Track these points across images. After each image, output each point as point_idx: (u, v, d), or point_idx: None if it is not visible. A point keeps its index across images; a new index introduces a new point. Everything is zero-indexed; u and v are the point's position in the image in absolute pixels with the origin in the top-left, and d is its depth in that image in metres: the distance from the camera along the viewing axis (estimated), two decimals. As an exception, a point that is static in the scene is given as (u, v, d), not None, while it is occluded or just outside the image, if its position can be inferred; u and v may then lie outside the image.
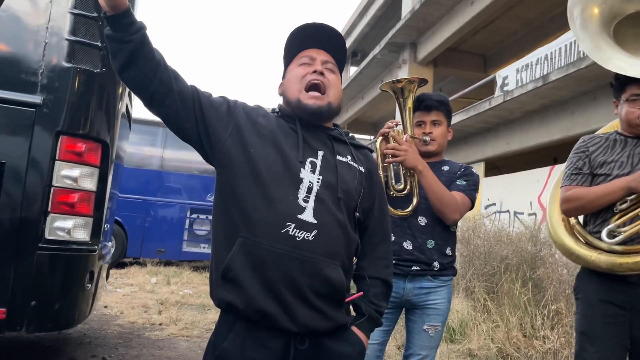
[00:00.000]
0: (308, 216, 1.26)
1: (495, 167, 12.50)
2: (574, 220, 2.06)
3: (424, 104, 2.16)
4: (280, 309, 1.22)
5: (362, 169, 1.42)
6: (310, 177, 1.30)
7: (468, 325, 4.45)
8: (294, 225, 1.24)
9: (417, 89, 2.14)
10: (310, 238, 1.24)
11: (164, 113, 1.28)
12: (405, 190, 2.06)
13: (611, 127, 2.16)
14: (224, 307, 1.27)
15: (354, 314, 1.42)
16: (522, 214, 9.11)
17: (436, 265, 2.03)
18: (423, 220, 2.06)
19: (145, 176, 8.90)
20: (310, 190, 1.28)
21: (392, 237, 1.83)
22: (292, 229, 1.23)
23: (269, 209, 1.25)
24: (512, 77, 10.37)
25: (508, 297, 4.76)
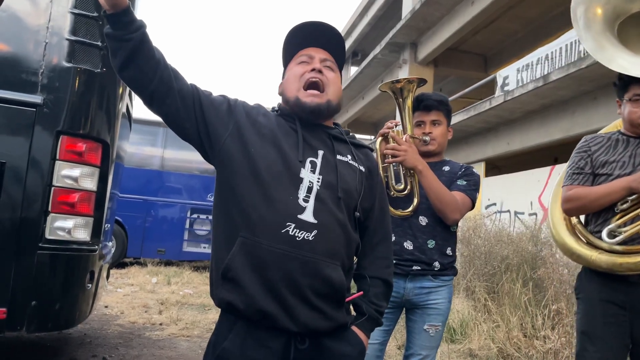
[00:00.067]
0: (308, 216, 1.25)
1: (496, 167, 12.49)
2: (575, 220, 2.05)
3: (423, 104, 2.15)
4: (280, 308, 1.21)
5: (362, 168, 1.42)
6: (310, 177, 1.29)
7: (469, 325, 4.44)
8: (294, 225, 1.23)
9: (416, 89, 2.13)
10: (310, 238, 1.24)
11: (164, 112, 1.28)
12: (406, 190, 2.05)
13: (614, 126, 2.15)
14: (224, 306, 1.27)
15: (354, 313, 1.42)
16: (522, 213, 9.10)
17: (437, 265, 2.03)
18: (424, 220, 2.05)
19: (145, 176, 8.90)
20: (310, 190, 1.28)
21: (392, 237, 1.83)
22: (292, 229, 1.23)
23: (269, 208, 1.24)
24: (512, 77, 10.37)
25: (509, 297, 4.75)
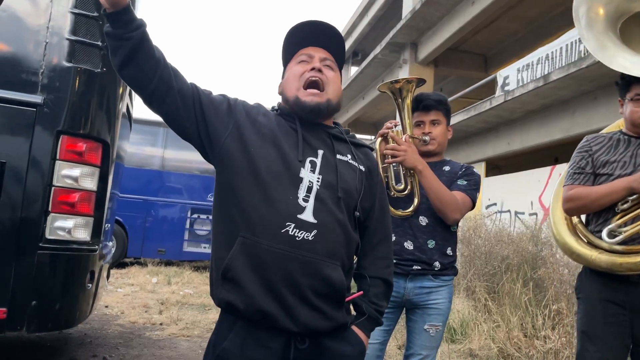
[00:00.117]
0: (308, 216, 1.25)
1: (496, 167, 12.49)
2: (576, 219, 2.05)
3: (422, 103, 2.15)
4: (280, 308, 1.21)
5: (362, 167, 1.41)
6: (310, 177, 1.29)
7: (469, 325, 4.44)
8: (293, 225, 1.23)
9: (415, 88, 2.13)
10: (310, 238, 1.24)
11: (164, 111, 1.28)
12: (406, 190, 2.05)
13: (616, 126, 2.14)
14: (224, 306, 1.27)
15: (354, 313, 1.42)
16: (523, 213, 9.10)
17: (437, 265, 2.03)
18: (424, 220, 2.05)
19: (146, 176, 8.90)
20: (310, 189, 1.28)
21: (393, 237, 1.83)
22: (292, 228, 1.23)
23: (269, 208, 1.24)
24: (512, 76, 10.36)
25: (509, 297, 4.75)
